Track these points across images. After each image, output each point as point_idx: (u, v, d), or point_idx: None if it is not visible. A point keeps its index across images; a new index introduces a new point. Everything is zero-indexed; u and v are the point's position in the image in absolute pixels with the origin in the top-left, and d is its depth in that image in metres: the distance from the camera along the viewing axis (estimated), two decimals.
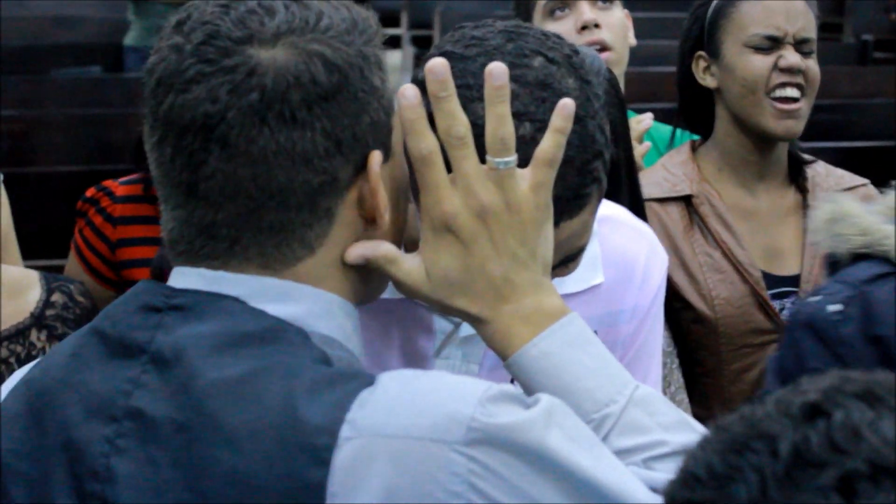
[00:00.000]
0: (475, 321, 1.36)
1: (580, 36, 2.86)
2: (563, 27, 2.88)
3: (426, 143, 1.31)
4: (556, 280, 1.63)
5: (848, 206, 2.07)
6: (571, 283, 1.68)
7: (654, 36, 6.34)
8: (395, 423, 1.17)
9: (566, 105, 1.33)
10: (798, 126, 2.59)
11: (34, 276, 2.44)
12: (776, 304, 2.60)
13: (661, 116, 3.04)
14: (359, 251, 1.31)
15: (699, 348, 2.61)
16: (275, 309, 1.25)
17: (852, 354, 2.04)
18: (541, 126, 1.35)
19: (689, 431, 1.32)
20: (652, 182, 2.64)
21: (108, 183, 2.85)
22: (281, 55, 1.23)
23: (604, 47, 2.88)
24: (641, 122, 2.85)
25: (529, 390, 1.33)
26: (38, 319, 2.39)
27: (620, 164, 2.27)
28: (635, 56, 5.96)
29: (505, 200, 1.32)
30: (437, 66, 1.32)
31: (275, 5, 1.26)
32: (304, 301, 1.27)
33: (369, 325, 1.54)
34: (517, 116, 1.35)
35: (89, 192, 2.85)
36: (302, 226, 1.27)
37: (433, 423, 1.17)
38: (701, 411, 2.57)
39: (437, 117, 1.32)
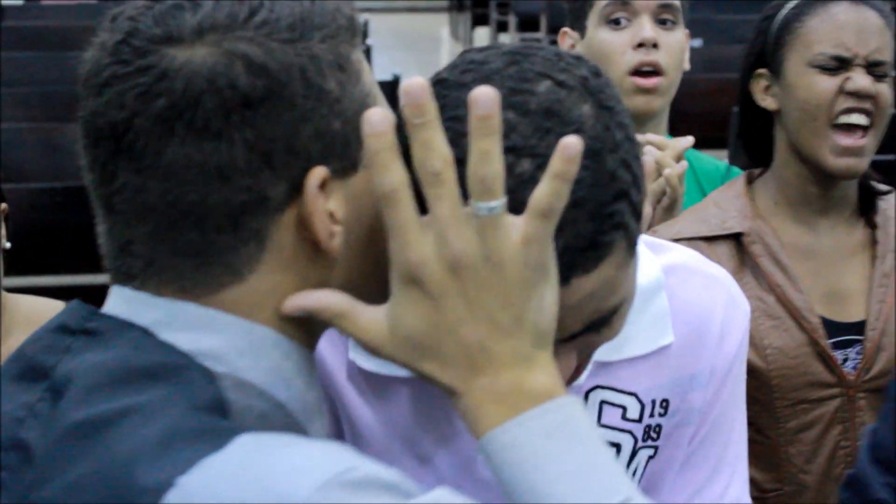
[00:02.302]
0: (447, 392, 1.15)
1: (635, 53, 2.63)
2: (619, 39, 2.65)
3: (390, 177, 1.11)
4: (616, 342, 1.44)
5: None
6: (636, 344, 1.48)
7: None
8: (222, 497, 1.00)
9: (568, 145, 1.12)
10: (861, 164, 2.29)
11: (59, 307, 2.31)
12: (838, 355, 2.32)
13: None
14: (296, 302, 1.13)
15: (751, 404, 2.31)
16: (189, 339, 1.12)
17: None
18: (543, 162, 1.16)
19: None
20: (699, 219, 2.37)
21: None
22: (199, 56, 1.10)
23: (657, 70, 2.64)
24: (681, 141, 2.60)
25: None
26: None
27: None
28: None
29: (485, 252, 1.12)
30: (413, 87, 1.11)
31: None
32: (227, 333, 1.11)
33: (406, 408, 1.39)
34: (514, 151, 1.17)
35: None
36: (225, 249, 1.11)
37: None
38: (755, 474, 2.31)
39: (412, 148, 1.12)
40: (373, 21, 11.50)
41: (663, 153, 2.54)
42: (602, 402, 1.50)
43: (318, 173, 1.12)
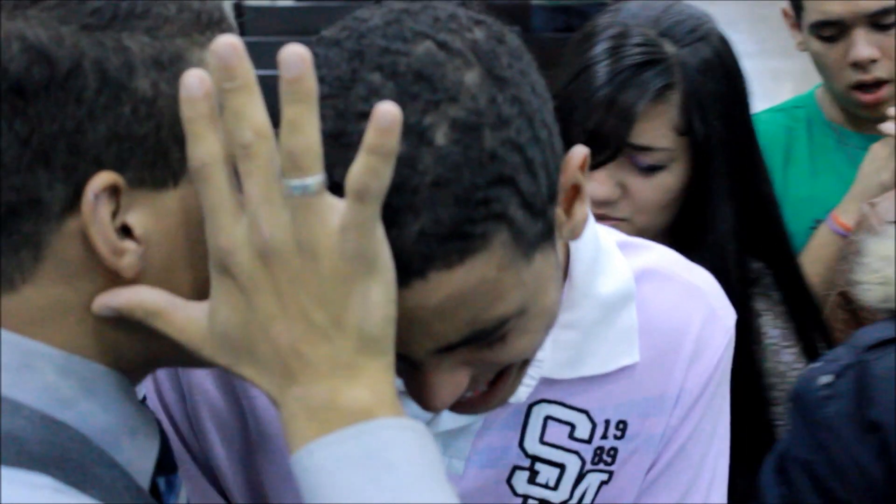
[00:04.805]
0: (271, 400, 1.01)
1: (851, 71, 2.43)
2: (833, 53, 2.45)
3: (202, 150, 0.97)
4: (569, 357, 1.30)
5: (879, 246, 1.56)
6: (594, 362, 1.33)
7: None
8: None
9: (380, 113, 0.94)
10: None
11: None
12: None
13: None
14: (103, 300, 1.00)
15: None
16: None
17: (838, 444, 1.57)
18: (405, 132, 0.99)
19: None
20: None
21: None
22: None
23: (878, 82, 2.42)
24: None
25: None
26: None
27: (716, 156, 1.89)
28: None
29: (297, 239, 0.97)
30: (221, 46, 0.95)
31: None
32: None
33: None
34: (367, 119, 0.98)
35: None
36: None
37: None
38: None
39: (223, 117, 0.97)
40: None
41: None
42: (547, 418, 1.34)
43: (101, 179, 0.97)
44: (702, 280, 1.41)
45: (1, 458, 0.95)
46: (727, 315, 1.40)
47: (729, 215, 1.90)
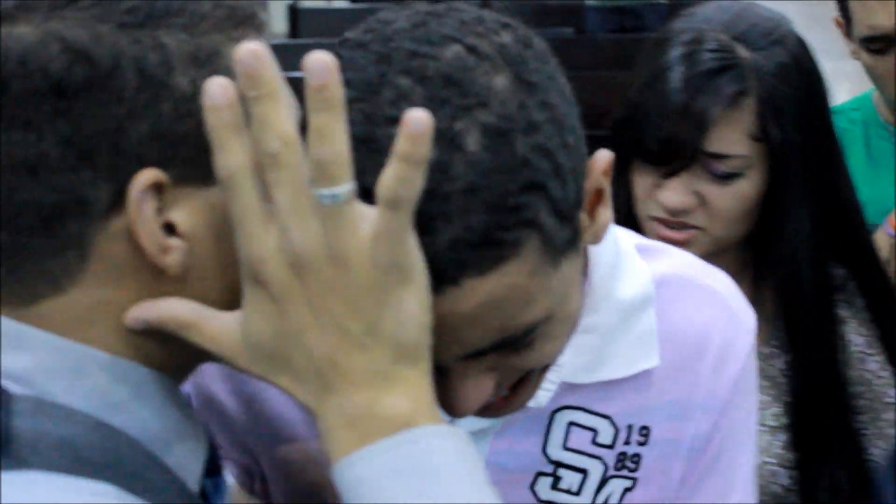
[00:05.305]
0: (307, 410, 1.00)
1: None
2: (883, 66, 2.41)
3: (228, 159, 0.96)
4: (588, 361, 1.30)
5: None
6: (614, 366, 1.32)
7: None
8: None
9: (410, 120, 0.93)
10: None
11: None
12: None
13: None
14: (136, 314, 0.99)
15: None
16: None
17: None
18: (435, 138, 0.97)
19: None
20: None
21: None
22: (16, 34, 0.95)
23: None
24: None
25: None
26: None
27: (793, 162, 1.86)
28: None
29: (329, 249, 0.95)
30: (244, 53, 0.94)
31: None
32: (37, 352, 0.98)
33: None
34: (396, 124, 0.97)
35: None
36: (41, 255, 0.97)
37: None
38: None
39: (250, 125, 0.96)
40: None
41: None
42: (570, 424, 1.34)
43: (145, 177, 0.96)
44: (720, 284, 1.40)
45: (58, 466, 0.94)
46: (748, 317, 1.40)
47: (804, 221, 1.88)
